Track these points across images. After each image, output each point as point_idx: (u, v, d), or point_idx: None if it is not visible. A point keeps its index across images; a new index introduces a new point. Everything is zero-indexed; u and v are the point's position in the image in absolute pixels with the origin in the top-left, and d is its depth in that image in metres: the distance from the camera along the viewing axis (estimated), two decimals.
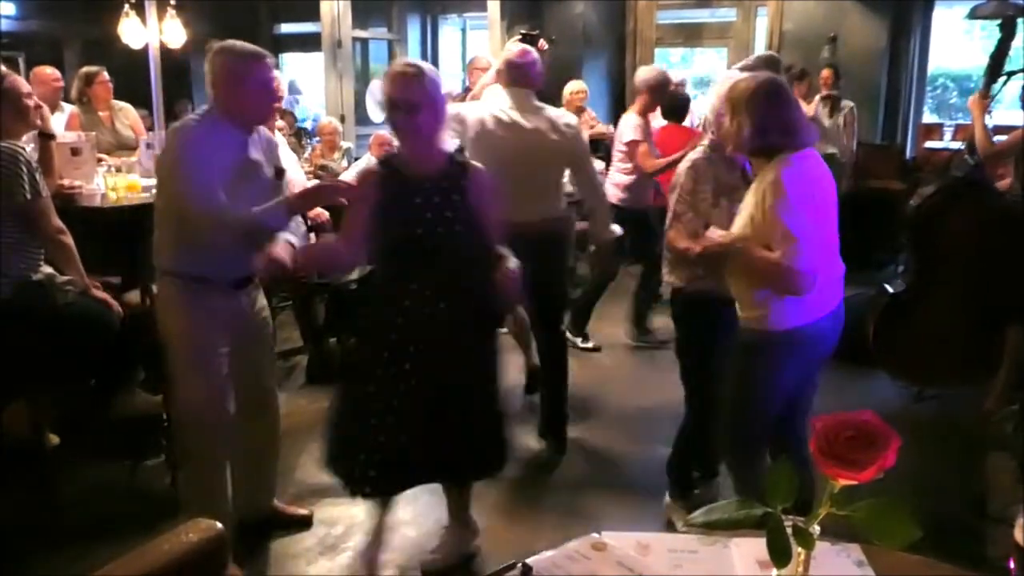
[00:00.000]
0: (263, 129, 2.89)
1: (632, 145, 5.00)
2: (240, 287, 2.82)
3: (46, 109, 3.82)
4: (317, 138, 7.18)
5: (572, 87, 6.55)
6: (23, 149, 3.05)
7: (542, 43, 4.76)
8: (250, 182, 2.68)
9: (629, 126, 5.04)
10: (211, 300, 2.71)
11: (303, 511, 3.23)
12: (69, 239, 3.19)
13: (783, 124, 2.40)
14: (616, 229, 3.92)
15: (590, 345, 5.31)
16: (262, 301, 3.00)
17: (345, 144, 6.94)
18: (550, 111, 3.68)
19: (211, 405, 2.75)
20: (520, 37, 4.68)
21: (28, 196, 2.99)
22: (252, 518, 3.08)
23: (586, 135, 7.00)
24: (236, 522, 2.86)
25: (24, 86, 3.25)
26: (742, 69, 3.15)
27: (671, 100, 5.42)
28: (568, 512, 3.33)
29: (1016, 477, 3.17)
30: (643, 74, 5.19)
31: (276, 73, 4.18)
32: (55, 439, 3.59)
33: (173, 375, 2.89)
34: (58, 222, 3.15)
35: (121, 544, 1.31)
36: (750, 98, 2.41)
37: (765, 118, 2.39)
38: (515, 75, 3.62)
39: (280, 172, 2.90)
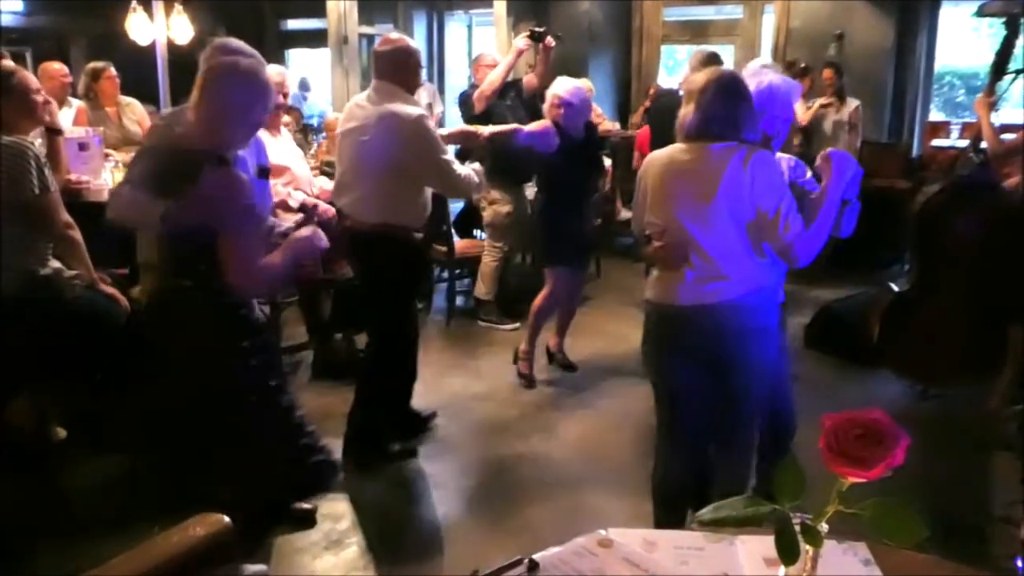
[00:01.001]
0: None
1: None
2: None
3: (54, 104, 3.83)
4: (323, 134, 7.19)
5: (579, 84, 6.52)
6: (31, 144, 3.06)
7: (549, 40, 4.76)
8: None
9: None
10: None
11: (307, 506, 3.22)
12: (77, 234, 3.20)
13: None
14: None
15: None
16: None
17: None
18: (394, 105, 3.37)
19: None
20: (528, 34, 4.68)
21: (36, 191, 3.00)
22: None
23: None
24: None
25: (33, 82, 3.26)
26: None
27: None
28: (574, 509, 3.34)
29: (1021, 476, 3.16)
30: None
31: (281, 70, 4.22)
32: (62, 433, 3.60)
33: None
34: (66, 217, 3.16)
35: (128, 538, 1.32)
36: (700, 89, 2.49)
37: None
38: (376, 66, 3.54)
39: (264, 171, 2.83)
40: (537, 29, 4.68)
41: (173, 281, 2.42)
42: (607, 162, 5.37)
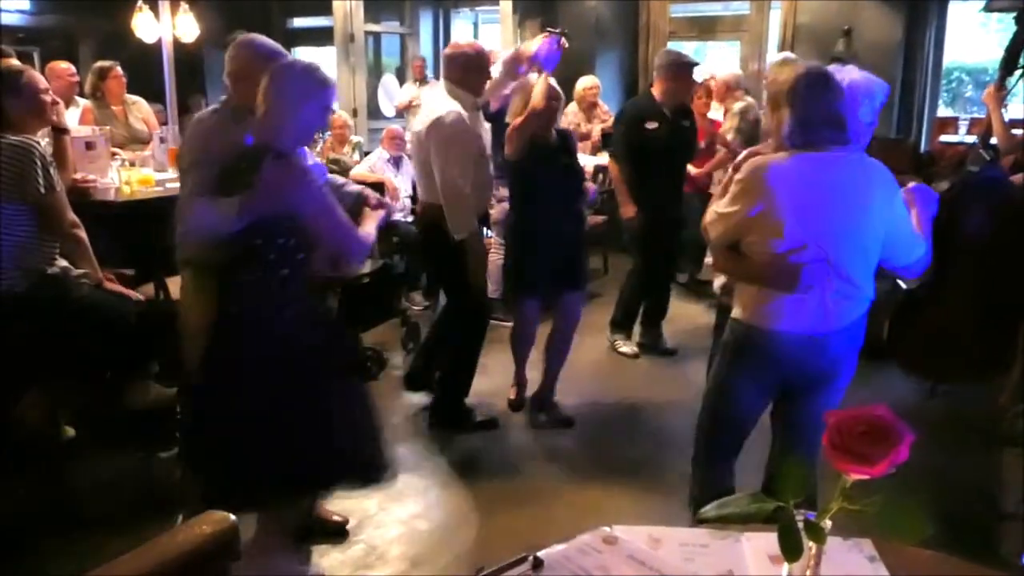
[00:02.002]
0: None
1: None
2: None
3: (60, 104, 3.85)
4: (328, 132, 7.19)
5: (584, 82, 6.52)
6: (37, 143, 3.07)
7: (564, 41, 4.83)
8: None
9: None
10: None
11: (338, 518, 3.15)
12: (83, 233, 3.21)
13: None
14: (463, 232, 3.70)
15: (626, 350, 5.12)
16: None
17: (355, 138, 6.95)
18: (436, 104, 3.72)
19: None
20: (547, 35, 4.73)
21: (42, 190, 3.01)
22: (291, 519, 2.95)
23: (598, 129, 7.01)
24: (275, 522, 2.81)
25: (41, 82, 3.27)
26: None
27: None
28: (579, 506, 3.34)
29: None
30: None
31: None
32: (70, 431, 3.62)
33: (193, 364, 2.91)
34: (72, 216, 3.17)
35: (135, 536, 1.32)
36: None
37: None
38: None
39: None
40: (553, 30, 4.71)
41: (246, 274, 2.44)
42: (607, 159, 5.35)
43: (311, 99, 2.47)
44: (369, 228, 2.67)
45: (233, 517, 1.38)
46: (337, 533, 3.10)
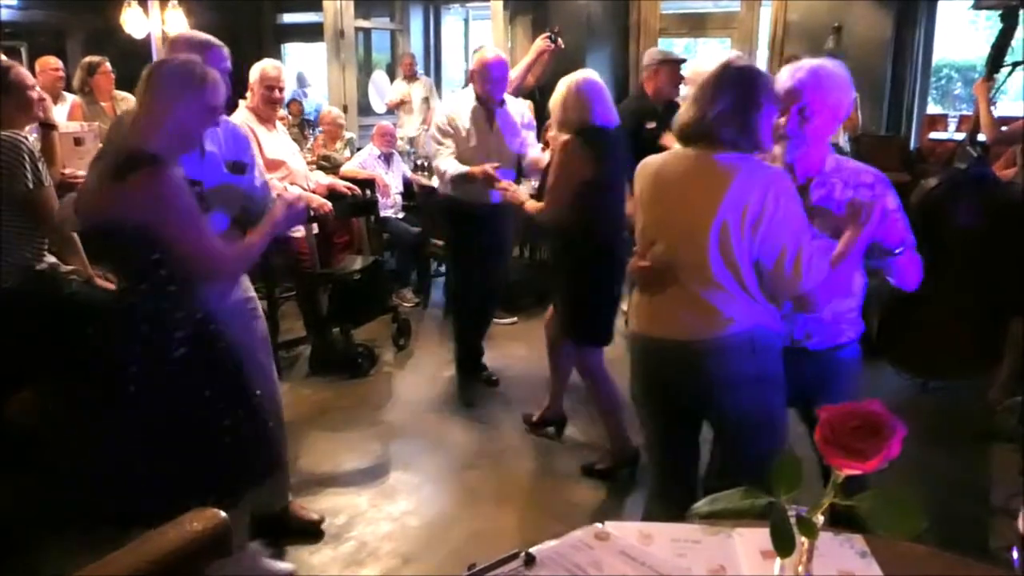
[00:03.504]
0: (230, 122, 2.85)
1: None
2: None
3: (48, 100, 3.82)
4: (320, 128, 7.18)
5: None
6: (25, 138, 3.05)
7: (560, 42, 4.86)
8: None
9: None
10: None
11: (314, 516, 3.15)
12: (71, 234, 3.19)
13: None
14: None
15: None
16: (250, 291, 2.93)
17: (348, 134, 6.94)
18: None
19: None
20: (547, 36, 4.76)
21: (30, 185, 2.99)
22: (263, 515, 3.01)
23: None
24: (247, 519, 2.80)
25: (28, 78, 3.25)
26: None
27: None
28: (571, 502, 3.34)
29: (1020, 468, 3.17)
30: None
31: (276, 64, 4.20)
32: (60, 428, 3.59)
33: None
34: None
35: (126, 533, 1.32)
36: None
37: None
38: None
39: (237, 166, 2.78)
40: (554, 32, 4.75)
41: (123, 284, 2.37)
42: None
43: (186, 99, 2.27)
44: (253, 239, 2.44)
45: (223, 514, 1.38)
46: (312, 532, 3.09)
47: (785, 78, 2.27)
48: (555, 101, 3.46)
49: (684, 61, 4.91)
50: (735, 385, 2.17)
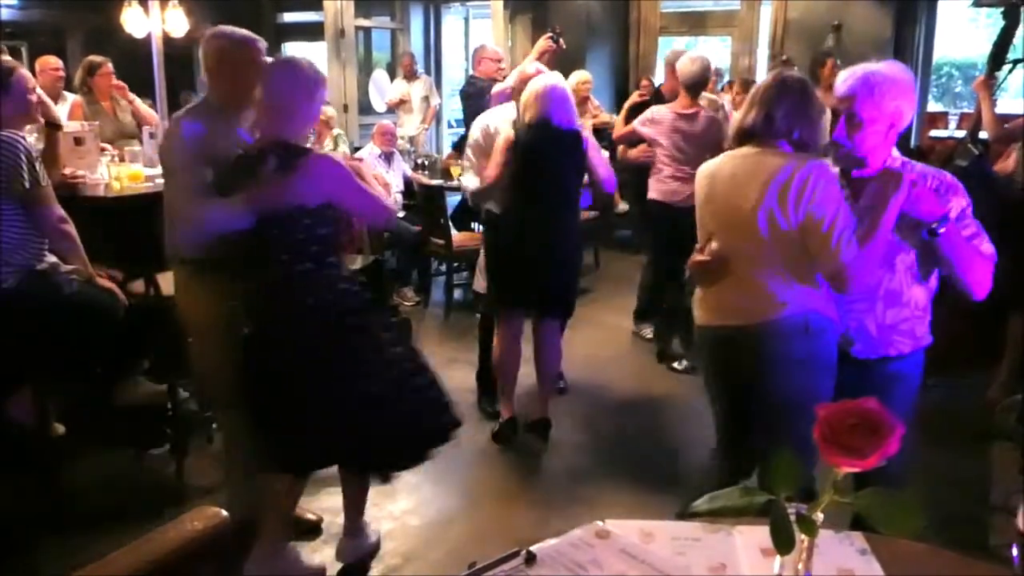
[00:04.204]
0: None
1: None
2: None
3: (49, 102, 3.83)
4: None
5: (578, 77, 6.52)
6: (22, 138, 3.05)
7: (561, 42, 4.87)
8: None
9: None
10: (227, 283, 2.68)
11: (312, 516, 3.15)
12: (71, 228, 3.19)
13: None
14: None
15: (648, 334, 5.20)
16: None
17: (336, 131, 6.93)
18: None
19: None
20: (550, 36, 4.76)
21: (27, 185, 2.99)
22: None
23: (590, 124, 7.02)
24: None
25: (30, 81, 3.25)
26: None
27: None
28: (571, 500, 3.34)
29: (1019, 466, 3.17)
30: (686, 67, 4.70)
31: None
32: (60, 428, 3.60)
33: (197, 360, 2.94)
34: (60, 211, 3.15)
35: (126, 532, 1.32)
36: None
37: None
38: None
39: None
40: (556, 32, 4.77)
41: (285, 267, 2.50)
42: (604, 154, 5.31)
43: (313, 94, 2.54)
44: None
45: (225, 512, 1.37)
46: (311, 531, 3.09)
47: (839, 83, 2.29)
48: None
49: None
50: (786, 365, 2.27)
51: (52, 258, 3.20)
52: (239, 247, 2.51)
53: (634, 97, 5.43)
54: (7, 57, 3.74)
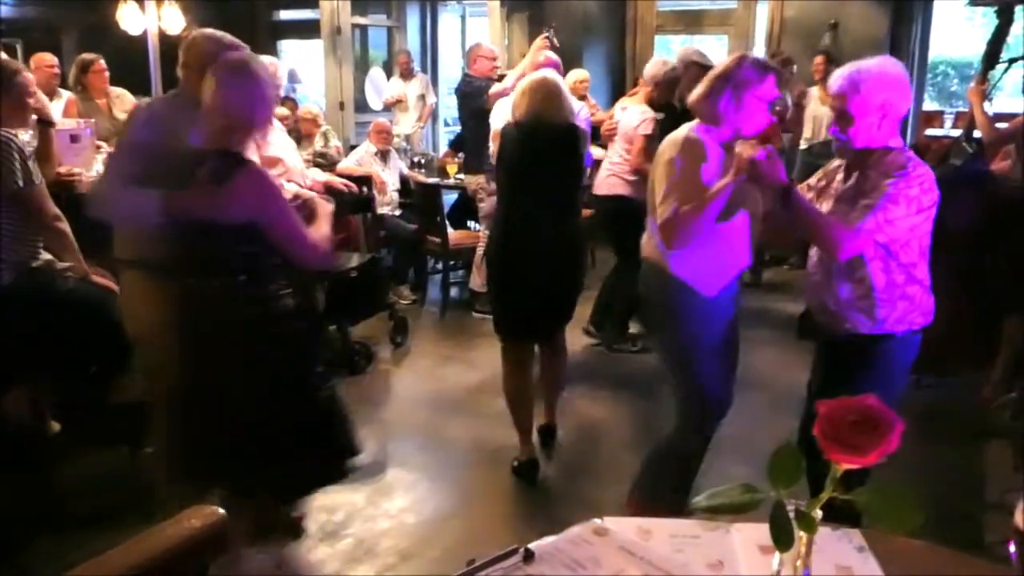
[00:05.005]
0: None
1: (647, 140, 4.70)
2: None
3: (44, 97, 3.81)
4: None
5: (575, 76, 6.52)
6: (15, 136, 3.04)
7: (555, 41, 4.85)
8: None
9: (644, 118, 4.77)
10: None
11: (296, 515, 3.12)
12: (65, 225, 3.18)
13: None
14: None
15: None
16: None
17: (324, 127, 6.93)
18: None
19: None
20: (546, 35, 4.74)
21: (20, 183, 2.98)
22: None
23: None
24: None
25: (31, 84, 3.25)
26: None
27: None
28: (570, 498, 3.35)
29: (1015, 463, 3.18)
30: (651, 69, 4.88)
31: (273, 61, 4.20)
32: (56, 425, 3.59)
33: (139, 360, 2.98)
34: (54, 209, 3.14)
35: (122, 530, 1.31)
36: None
37: None
38: None
39: None
40: (551, 29, 4.77)
41: (205, 281, 2.43)
42: (598, 152, 5.31)
43: (267, 102, 2.44)
44: (324, 229, 2.63)
45: (222, 511, 1.37)
46: (295, 531, 3.08)
47: (831, 82, 2.46)
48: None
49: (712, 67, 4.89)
50: (660, 310, 2.74)
51: (47, 255, 3.19)
52: (162, 251, 2.45)
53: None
54: (6, 57, 3.73)
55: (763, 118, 2.55)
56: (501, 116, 3.87)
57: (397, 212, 6.24)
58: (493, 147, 3.79)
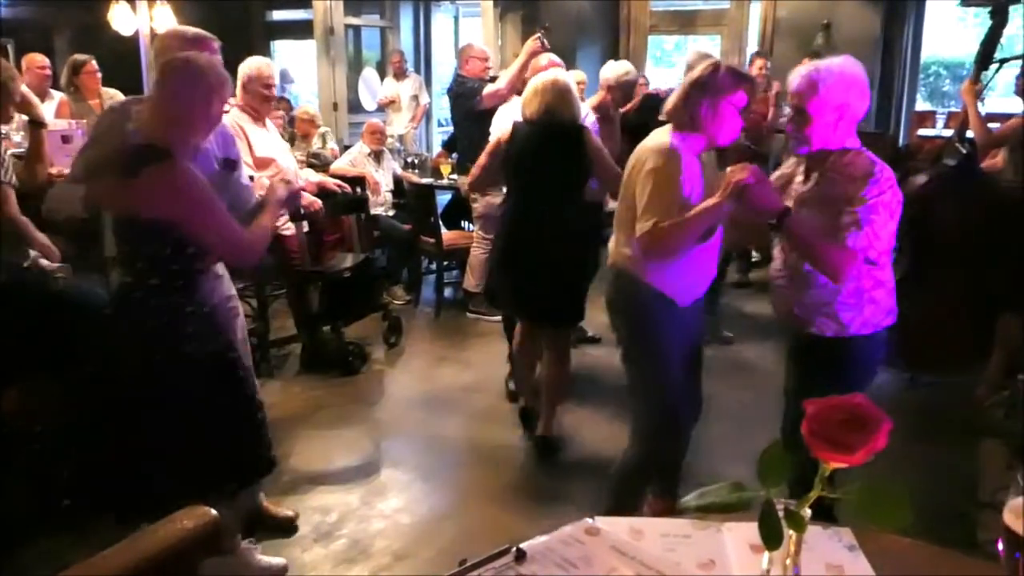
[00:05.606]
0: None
1: None
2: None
3: (35, 98, 3.79)
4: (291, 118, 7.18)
5: (574, 77, 6.53)
6: None
7: (546, 43, 4.87)
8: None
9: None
10: None
11: (288, 512, 3.14)
12: (21, 222, 3.13)
13: None
14: None
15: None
16: (231, 289, 2.93)
17: (323, 128, 6.93)
18: None
19: None
20: (538, 36, 4.76)
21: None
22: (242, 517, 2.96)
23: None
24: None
25: (17, 89, 3.23)
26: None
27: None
28: (561, 498, 3.35)
29: (1007, 462, 3.19)
30: (605, 71, 5.05)
31: (267, 61, 4.19)
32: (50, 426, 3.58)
33: None
34: (15, 212, 3.09)
35: (115, 531, 1.31)
36: None
37: None
38: None
39: (230, 163, 2.82)
40: (543, 30, 4.79)
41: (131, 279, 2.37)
42: None
43: (210, 102, 2.35)
44: (264, 221, 2.54)
45: (215, 512, 1.37)
46: (286, 529, 3.08)
47: (790, 80, 2.43)
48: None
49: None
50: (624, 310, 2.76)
51: (35, 254, 3.18)
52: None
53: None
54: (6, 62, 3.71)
55: (737, 126, 2.55)
56: (502, 126, 3.88)
57: (391, 212, 6.23)
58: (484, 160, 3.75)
